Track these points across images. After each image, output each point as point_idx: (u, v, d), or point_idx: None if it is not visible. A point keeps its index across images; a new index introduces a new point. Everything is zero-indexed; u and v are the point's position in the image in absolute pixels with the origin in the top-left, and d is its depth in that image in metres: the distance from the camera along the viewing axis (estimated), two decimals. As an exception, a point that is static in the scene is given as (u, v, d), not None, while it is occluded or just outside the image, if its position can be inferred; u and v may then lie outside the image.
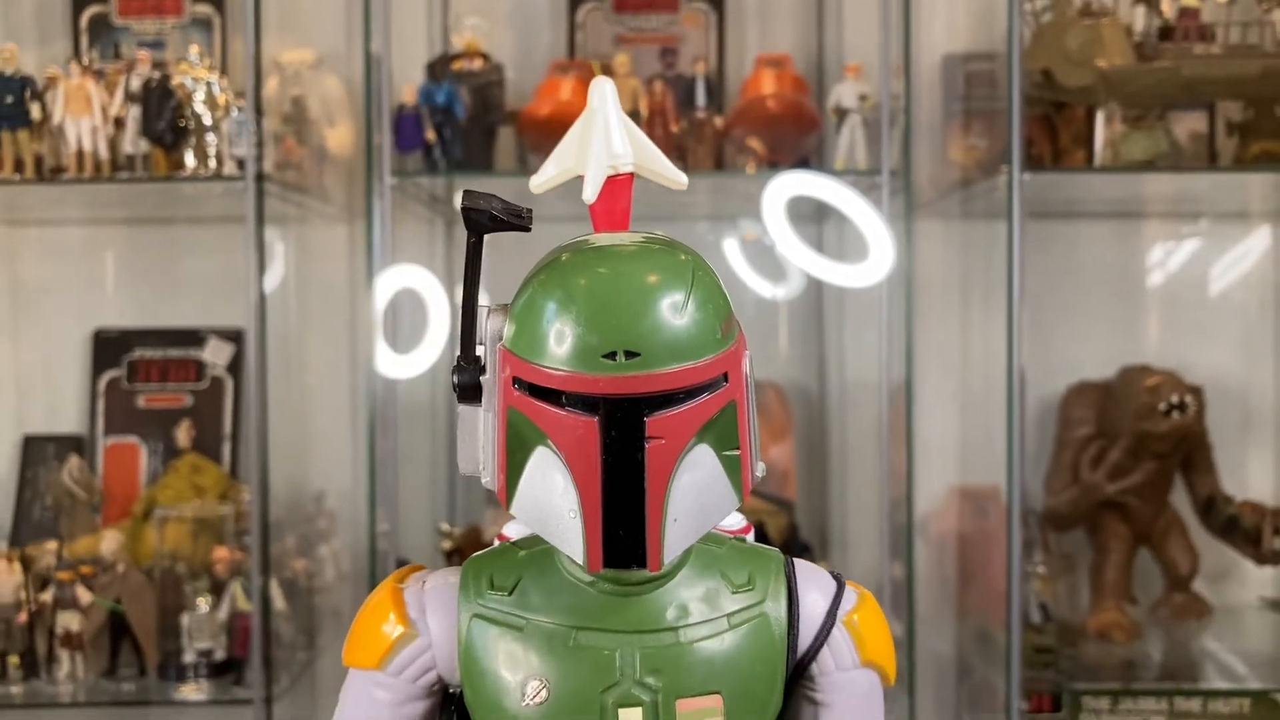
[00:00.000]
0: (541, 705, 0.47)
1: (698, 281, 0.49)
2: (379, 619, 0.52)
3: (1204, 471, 2.17)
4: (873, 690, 0.52)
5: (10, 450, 2.30)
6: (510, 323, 0.49)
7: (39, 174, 1.84)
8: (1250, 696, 2.17)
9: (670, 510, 0.45)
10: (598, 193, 0.52)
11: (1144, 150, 2.04)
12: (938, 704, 2.27)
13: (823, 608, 0.51)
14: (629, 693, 0.46)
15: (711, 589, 0.49)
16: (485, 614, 0.49)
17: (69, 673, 1.87)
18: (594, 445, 0.44)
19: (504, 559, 0.52)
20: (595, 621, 0.48)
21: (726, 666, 0.47)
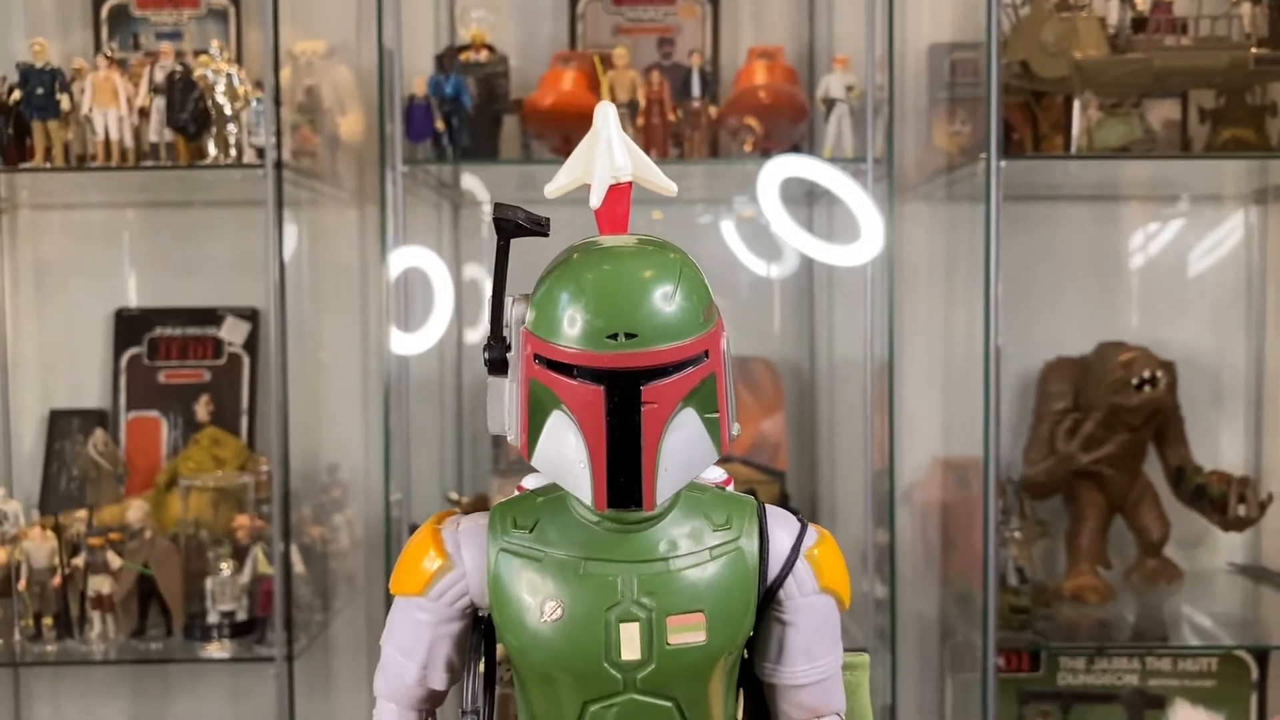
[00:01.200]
0: (557, 621, 0.57)
1: (684, 276, 0.58)
2: (421, 554, 0.62)
3: (1175, 443, 2.27)
4: (830, 612, 0.62)
5: (37, 424, 2.40)
6: (531, 309, 0.58)
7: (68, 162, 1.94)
8: (1218, 656, 2.30)
9: (662, 461, 0.55)
10: (602, 199, 0.62)
11: (1119, 136, 2.14)
12: (922, 663, 2.38)
13: (788, 544, 0.61)
14: (628, 611, 0.57)
15: (696, 527, 0.60)
16: (509, 548, 0.59)
17: (100, 633, 1.98)
18: (600, 409, 0.54)
19: (524, 504, 0.62)
20: (600, 553, 0.58)
21: (708, 590, 0.58)
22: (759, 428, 2.36)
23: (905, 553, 2.36)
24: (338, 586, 2.30)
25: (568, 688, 0.57)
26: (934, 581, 2.36)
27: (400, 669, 0.62)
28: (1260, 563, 2.42)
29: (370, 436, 2.38)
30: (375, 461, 2.36)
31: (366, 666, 2.40)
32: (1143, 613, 2.26)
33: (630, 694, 0.56)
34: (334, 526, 2.24)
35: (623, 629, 0.56)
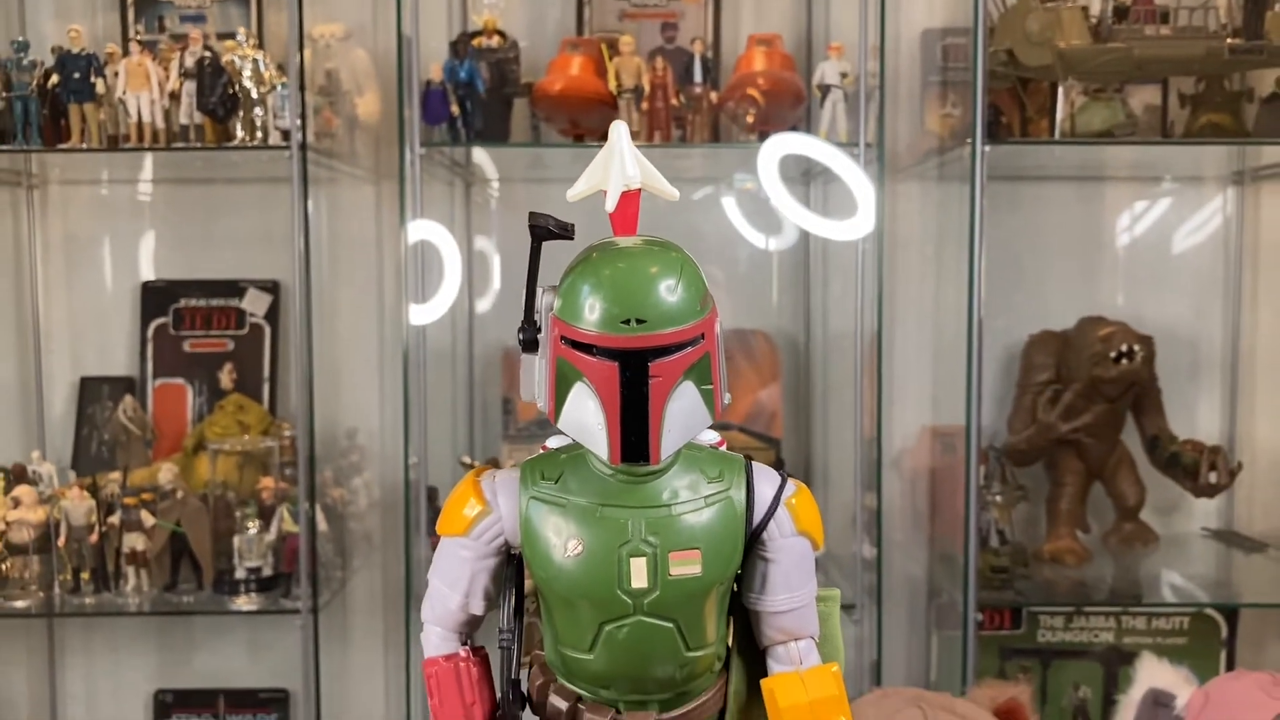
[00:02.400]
0: (578, 556, 0.68)
1: (685, 271, 0.69)
2: (463, 502, 0.74)
3: (1152, 413, 2.38)
4: (806, 551, 0.73)
5: (68, 390, 2.51)
6: (558, 299, 0.69)
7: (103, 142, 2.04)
8: (1189, 615, 2.42)
9: (666, 424, 0.66)
10: (615, 204, 0.72)
11: (1103, 120, 2.24)
12: (910, 621, 2.50)
13: (770, 494, 0.72)
14: (637, 547, 0.68)
15: (693, 480, 0.71)
16: (538, 496, 0.71)
17: (135, 586, 2.11)
18: (615, 381, 0.65)
19: (550, 460, 0.73)
20: (614, 500, 0.69)
21: (703, 531, 0.69)
22: (756, 397, 2.47)
23: (894, 516, 2.48)
24: (356, 545, 2.42)
25: (587, 611, 0.68)
26: (921, 543, 2.48)
27: (445, 598, 0.73)
28: (1233, 527, 2.54)
29: (386, 403, 2.49)
30: (391, 427, 2.48)
31: (383, 621, 2.53)
32: (1119, 574, 2.38)
33: (639, 616, 0.68)
34: (353, 489, 2.36)
35: (632, 562, 0.67)
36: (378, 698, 2.53)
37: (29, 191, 2.46)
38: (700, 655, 0.69)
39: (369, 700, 2.53)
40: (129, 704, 2.55)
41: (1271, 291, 2.53)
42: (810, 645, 0.72)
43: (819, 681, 0.69)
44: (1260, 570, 2.37)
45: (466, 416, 2.48)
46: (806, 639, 0.72)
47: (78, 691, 2.57)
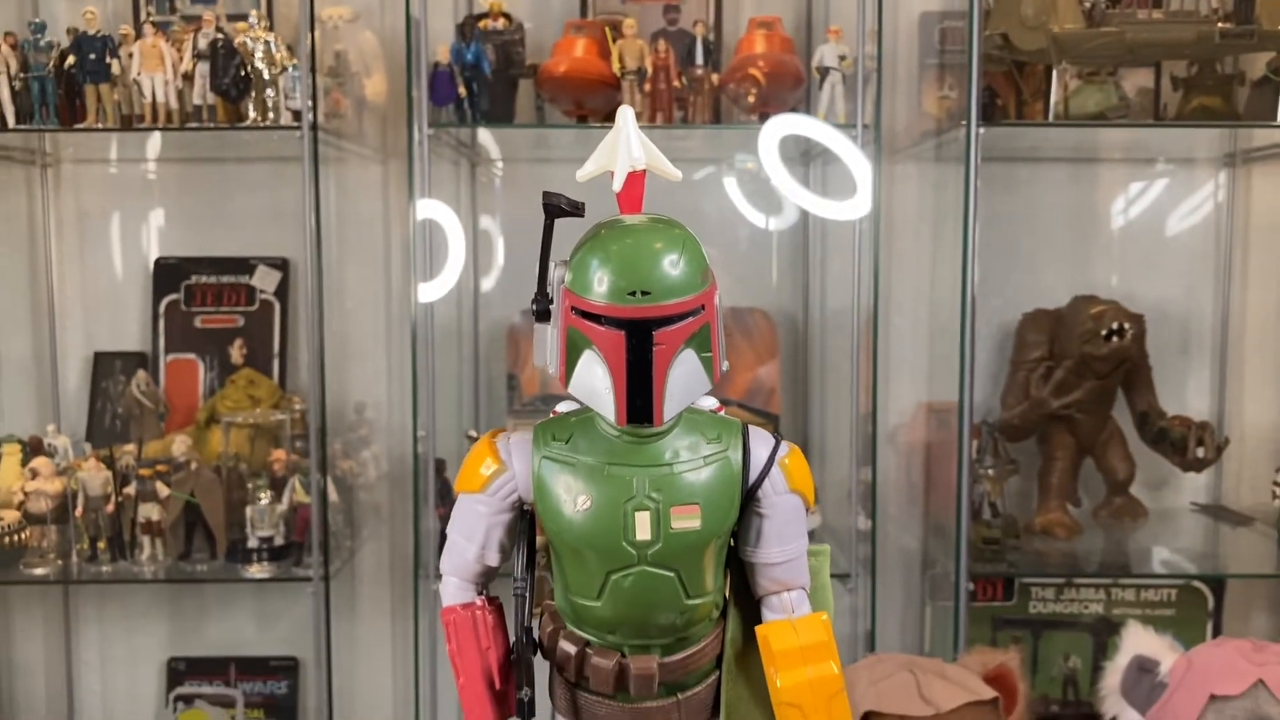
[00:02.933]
0: (586, 511, 0.73)
1: (686, 247, 0.74)
2: (480, 461, 0.79)
3: (1142, 389, 2.43)
4: (798, 508, 0.79)
5: (82, 365, 2.57)
6: (569, 272, 0.74)
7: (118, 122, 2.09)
8: (1177, 586, 2.48)
9: (668, 388, 0.71)
10: (622, 184, 0.77)
11: (1096, 103, 2.28)
12: (905, 591, 2.56)
13: (765, 455, 0.78)
14: (641, 502, 0.73)
15: (694, 441, 0.76)
16: (550, 456, 0.76)
17: (150, 555, 2.16)
18: (622, 349, 0.70)
19: (561, 423, 0.78)
20: (620, 459, 0.74)
21: (702, 488, 0.74)
22: (755, 374, 2.52)
23: (890, 490, 2.54)
24: (365, 516, 2.48)
25: (594, 561, 0.73)
26: (916, 516, 2.53)
27: (462, 550, 0.78)
28: (1221, 502, 2.59)
29: (393, 378, 2.55)
30: (398, 401, 2.53)
31: (390, 591, 2.59)
32: (1109, 547, 2.43)
33: (642, 566, 0.73)
34: (362, 461, 2.41)
35: (637, 516, 0.72)
36: (385, 665, 2.60)
37: (43, 170, 2.51)
38: (699, 603, 0.74)
39: (377, 667, 2.60)
40: (142, 671, 2.61)
41: (1261, 271, 2.58)
42: (802, 595, 0.77)
43: (810, 628, 0.75)
44: (1246, 543, 2.42)
45: (472, 391, 2.54)
46: (798, 589, 0.77)
47: (92, 659, 2.63)
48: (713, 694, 0.76)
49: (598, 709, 0.76)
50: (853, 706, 1.73)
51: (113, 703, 2.64)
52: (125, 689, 2.63)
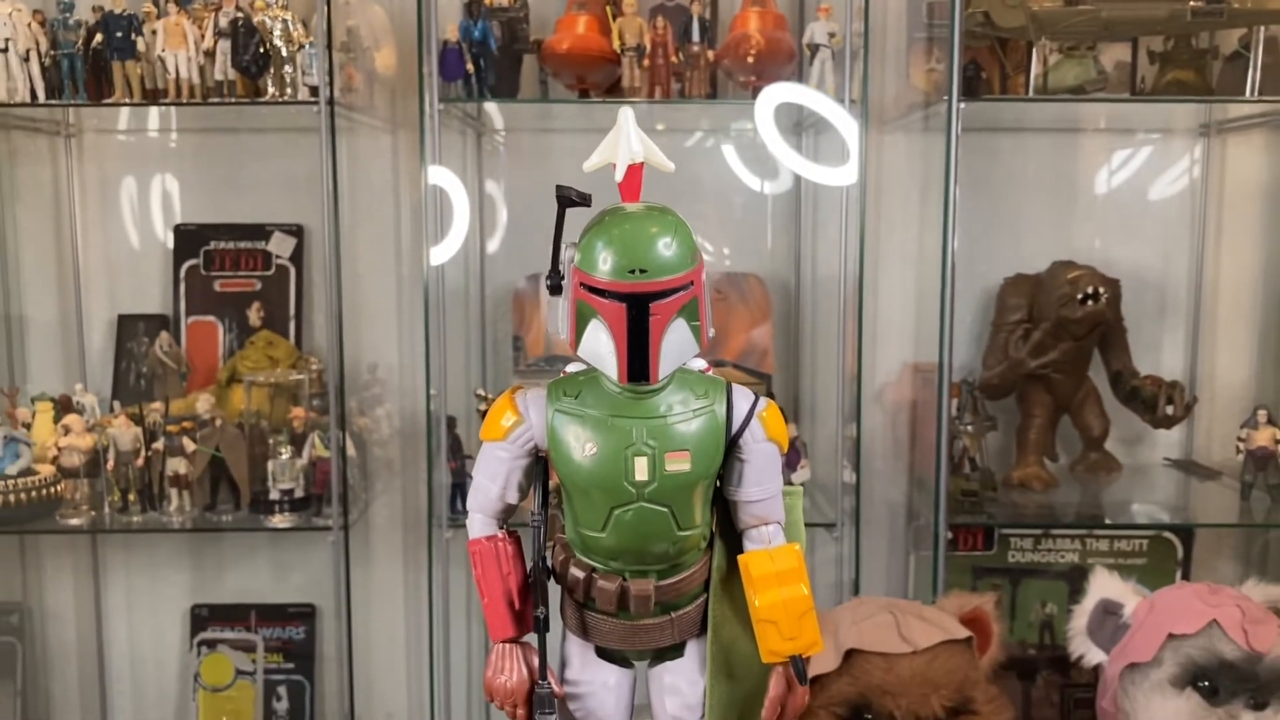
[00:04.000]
0: (593, 456, 0.85)
1: (678, 231, 0.86)
2: (502, 413, 0.91)
3: (1116, 350, 2.55)
4: (774, 454, 0.91)
5: (106, 327, 2.68)
6: (578, 253, 0.86)
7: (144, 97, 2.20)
8: (1149, 537, 2.61)
9: (663, 352, 0.83)
10: (623, 176, 0.89)
11: (1075, 77, 2.38)
12: (890, 542, 2.70)
13: (745, 409, 0.90)
14: (640, 448, 0.85)
15: (684, 396, 0.88)
16: (561, 409, 0.88)
17: (178, 506, 2.29)
18: (623, 318, 0.82)
19: (571, 381, 0.90)
20: (621, 412, 0.86)
21: (692, 437, 0.86)
22: (749, 336, 2.64)
23: (876, 446, 2.67)
24: (378, 471, 2.61)
25: (599, 499, 0.86)
26: (902, 471, 2.66)
27: (486, 490, 0.91)
28: (1192, 458, 2.72)
29: (404, 339, 2.66)
30: (409, 362, 2.65)
31: (402, 541, 2.73)
32: (1084, 500, 2.55)
33: (641, 502, 0.85)
34: (376, 418, 2.54)
35: (636, 460, 0.84)
36: (398, 611, 2.74)
37: (67, 140, 2.61)
38: (689, 535, 0.87)
39: (390, 614, 2.74)
40: (167, 618, 2.75)
41: (1234, 237, 2.70)
42: (777, 529, 0.89)
43: (784, 556, 0.87)
44: (1214, 496, 2.55)
45: (479, 352, 2.66)
46: (774, 524, 0.89)
47: (120, 606, 2.77)
48: (701, 612, 0.89)
49: (603, 625, 0.88)
50: (836, 645, 1.87)
51: (140, 647, 2.78)
52: (151, 634, 2.77)
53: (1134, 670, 1.86)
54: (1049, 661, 2.59)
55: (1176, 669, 1.82)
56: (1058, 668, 2.58)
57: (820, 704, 1.85)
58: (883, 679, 1.82)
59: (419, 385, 2.57)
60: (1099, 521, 2.52)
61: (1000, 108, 2.53)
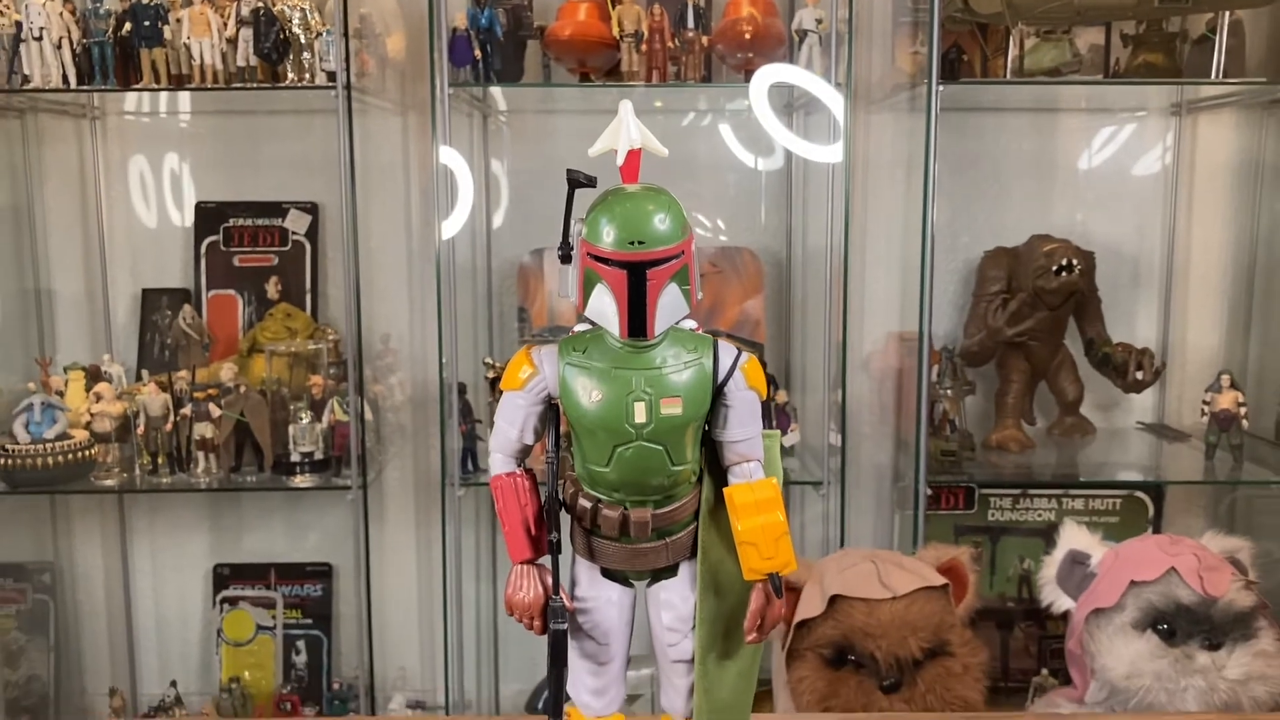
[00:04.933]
0: (598, 402, 0.99)
1: (671, 208, 0.99)
2: (519, 367, 1.04)
3: (1091, 319, 2.69)
4: (754, 400, 1.04)
5: (130, 301, 2.82)
6: (585, 226, 0.99)
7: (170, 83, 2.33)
8: (1121, 497, 2.76)
9: (658, 312, 0.96)
10: (624, 160, 1.02)
11: (1051, 59, 2.51)
12: (877, 502, 2.84)
13: (729, 362, 1.03)
14: (638, 395, 0.98)
15: (677, 351, 1.01)
16: (571, 362, 1.01)
17: (205, 468, 2.44)
18: (624, 283, 0.95)
19: (579, 339, 1.04)
20: (623, 364, 1.00)
21: (683, 385, 1.00)
22: (743, 307, 2.77)
23: (863, 411, 2.81)
24: (391, 436, 2.76)
25: (604, 439, 0.99)
26: (888, 435, 2.80)
27: (506, 432, 1.04)
28: (1164, 422, 2.86)
29: (414, 312, 2.80)
30: (419, 332, 2.79)
31: (414, 503, 2.87)
32: (1061, 461, 2.69)
33: (639, 441, 0.98)
34: (389, 386, 2.68)
35: (635, 405, 0.98)
36: (410, 569, 2.89)
37: (92, 123, 2.74)
38: (681, 469, 1.00)
39: (402, 572, 2.89)
40: (190, 577, 2.90)
41: (1204, 212, 2.83)
42: (758, 466, 1.03)
43: (763, 488, 1.01)
44: (1183, 457, 2.69)
45: (486, 323, 2.79)
46: (755, 461, 1.03)
47: (146, 566, 2.92)
48: (692, 538, 1.03)
49: (607, 549, 1.02)
50: (822, 592, 2.01)
51: (165, 605, 2.93)
52: (176, 593, 2.92)
53: (1099, 615, 1.97)
54: (1026, 614, 2.74)
55: (1138, 613, 1.93)
56: (1035, 619, 2.74)
57: (807, 646, 1.99)
58: (864, 622, 1.95)
59: (429, 355, 2.71)
60: (1074, 481, 2.66)
61: (982, 89, 2.65)
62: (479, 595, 2.82)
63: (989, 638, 2.69)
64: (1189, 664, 1.88)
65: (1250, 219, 2.79)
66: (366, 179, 2.73)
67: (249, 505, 2.86)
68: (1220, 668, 1.88)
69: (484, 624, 2.86)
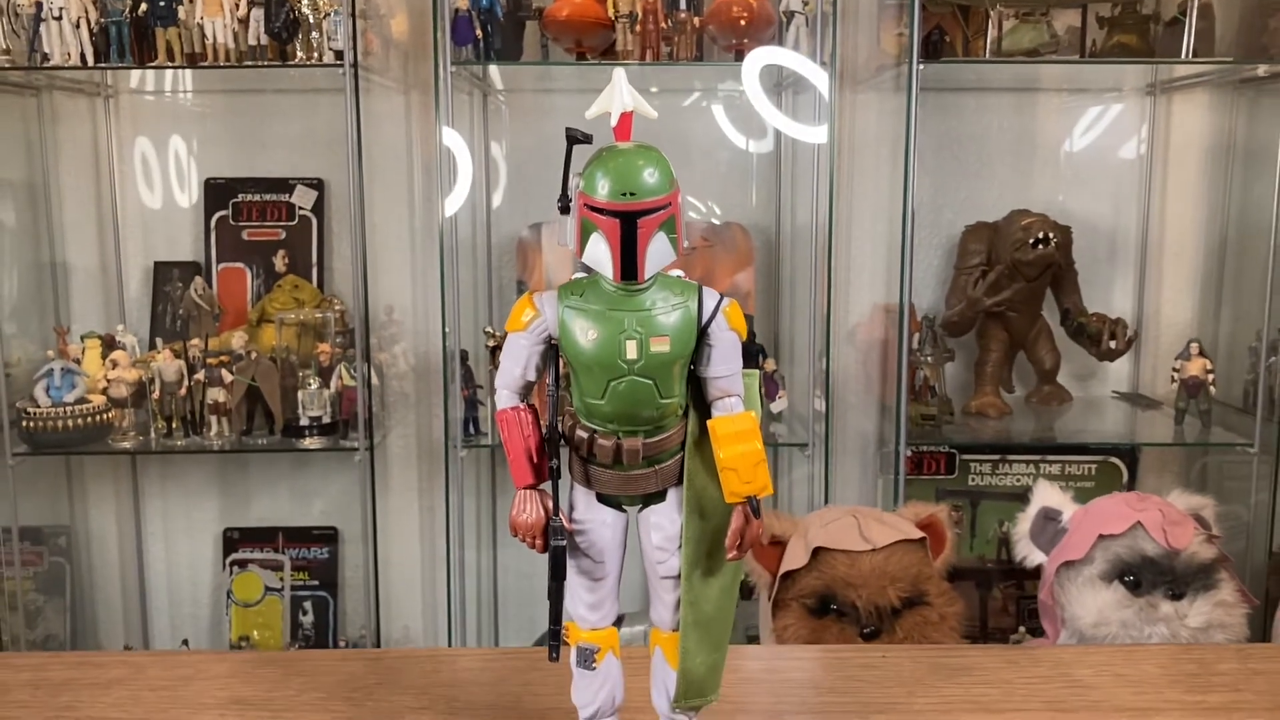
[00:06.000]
0: (594, 340, 1.09)
1: (659, 164, 1.09)
2: (522, 310, 1.14)
3: (1067, 290, 2.80)
4: (735, 340, 1.13)
5: (142, 274, 2.92)
6: (582, 180, 1.09)
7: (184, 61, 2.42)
8: (1097, 462, 2.87)
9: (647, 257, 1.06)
10: (617, 121, 1.12)
11: (1030, 40, 2.62)
12: (862, 467, 2.95)
13: (712, 305, 1.12)
14: (630, 333, 1.08)
15: (665, 295, 1.11)
16: (569, 305, 1.11)
17: (217, 432, 2.54)
18: (617, 231, 1.05)
19: (576, 284, 1.13)
20: (616, 306, 1.09)
21: (671, 325, 1.09)
22: (734, 280, 2.88)
23: (849, 381, 2.92)
24: (395, 404, 2.86)
25: (599, 374, 1.09)
26: (872, 403, 2.91)
27: (510, 370, 1.14)
28: (1138, 390, 2.98)
29: (416, 284, 2.90)
30: (421, 304, 2.89)
31: (416, 468, 2.98)
32: (1039, 428, 2.80)
33: (631, 376, 1.08)
34: (393, 355, 2.78)
35: (627, 343, 1.08)
36: (413, 532, 3.00)
37: (105, 101, 2.84)
38: (669, 403, 1.10)
39: (405, 534, 2.99)
40: (200, 540, 3.01)
41: (1178, 188, 2.93)
42: (738, 400, 1.13)
43: (742, 420, 1.10)
44: (1156, 423, 2.80)
45: (486, 295, 2.89)
46: (735, 396, 1.13)
47: (158, 530, 3.03)
48: (679, 466, 1.13)
49: (602, 475, 1.13)
50: (806, 545, 2.12)
51: (177, 567, 3.04)
52: (187, 555, 3.03)
53: (1069, 567, 2.07)
54: (1005, 574, 2.85)
55: (1105, 565, 2.03)
56: (1014, 580, 2.85)
57: (792, 596, 2.10)
58: (846, 573, 2.06)
59: (430, 326, 2.82)
60: (1051, 445, 2.77)
61: (965, 69, 2.76)
62: (480, 557, 2.93)
63: (969, 597, 2.80)
64: (1153, 613, 1.98)
65: (1222, 195, 2.89)
66: (370, 156, 2.82)
67: (257, 472, 2.96)
68: (1182, 616, 1.98)
69: (484, 584, 2.97)
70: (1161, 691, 1.39)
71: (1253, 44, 2.63)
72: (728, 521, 1.13)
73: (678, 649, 1.15)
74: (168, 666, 1.46)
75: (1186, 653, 1.55)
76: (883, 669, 1.46)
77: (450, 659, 1.51)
